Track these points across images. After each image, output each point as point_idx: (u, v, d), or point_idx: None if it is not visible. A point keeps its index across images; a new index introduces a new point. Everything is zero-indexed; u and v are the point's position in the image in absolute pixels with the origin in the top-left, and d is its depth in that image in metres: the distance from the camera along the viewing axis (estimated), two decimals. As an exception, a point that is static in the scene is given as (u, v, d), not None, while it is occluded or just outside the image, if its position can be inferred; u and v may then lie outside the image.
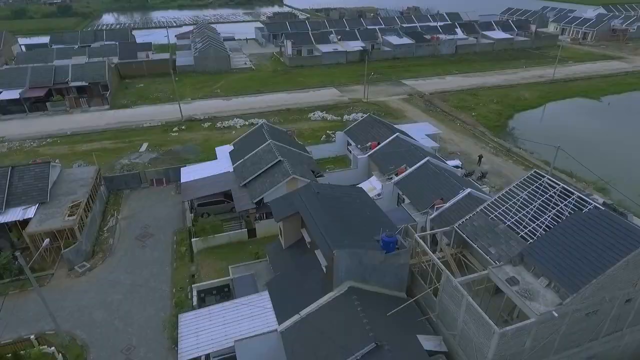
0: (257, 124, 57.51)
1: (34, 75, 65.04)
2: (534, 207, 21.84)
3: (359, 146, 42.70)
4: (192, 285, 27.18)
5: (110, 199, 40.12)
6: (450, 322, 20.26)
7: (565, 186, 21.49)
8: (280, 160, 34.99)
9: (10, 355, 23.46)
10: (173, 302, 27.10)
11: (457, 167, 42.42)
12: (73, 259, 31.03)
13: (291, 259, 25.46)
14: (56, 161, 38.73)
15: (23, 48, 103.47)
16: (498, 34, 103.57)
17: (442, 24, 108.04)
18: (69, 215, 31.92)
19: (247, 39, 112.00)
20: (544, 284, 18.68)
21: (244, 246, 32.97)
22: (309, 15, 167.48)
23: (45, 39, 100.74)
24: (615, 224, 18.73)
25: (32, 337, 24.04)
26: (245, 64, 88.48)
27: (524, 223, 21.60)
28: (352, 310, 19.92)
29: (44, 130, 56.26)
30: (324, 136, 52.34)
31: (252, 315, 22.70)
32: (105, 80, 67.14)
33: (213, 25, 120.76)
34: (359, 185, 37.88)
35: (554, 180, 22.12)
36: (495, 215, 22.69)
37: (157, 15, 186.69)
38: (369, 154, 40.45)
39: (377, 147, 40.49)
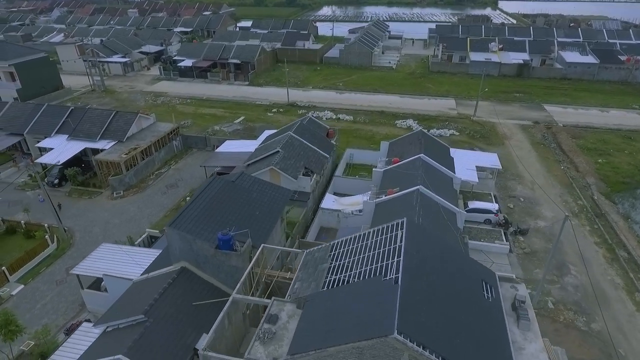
0: (344, 119, 59.54)
1: (208, 50, 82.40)
2: (373, 254, 18.22)
3: (385, 159, 39.93)
4: (147, 229, 32.83)
5: (181, 152, 49.67)
6: (234, 337, 19.62)
7: (401, 245, 17.05)
8: (277, 151, 36.72)
9: (32, 231, 34.23)
10: (127, 237, 33.32)
11: (489, 211, 35.20)
12: (115, 186, 41.02)
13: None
14: (152, 115, 50.15)
15: (238, 29, 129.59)
16: None
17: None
18: (124, 154, 42.05)
19: (413, 40, 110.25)
20: (296, 335, 16.27)
21: (224, 217, 36.67)
22: (514, 21, 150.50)
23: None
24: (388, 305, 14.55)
25: (45, 225, 34.29)
26: (389, 62, 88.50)
27: (355, 266, 18.35)
28: (161, 285, 21.56)
29: (193, 92, 71.59)
30: (389, 144, 49.91)
31: (140, 263, 26.60)
32: (253, 61, 79.46)
33: (388, 23, 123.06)
34: (348, 197, 36.68)
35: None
36: (342, 251, 19.76)
37: (367, 11, 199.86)
38: (384, 169, 37.64)
39: (396, 164, 37.24)
